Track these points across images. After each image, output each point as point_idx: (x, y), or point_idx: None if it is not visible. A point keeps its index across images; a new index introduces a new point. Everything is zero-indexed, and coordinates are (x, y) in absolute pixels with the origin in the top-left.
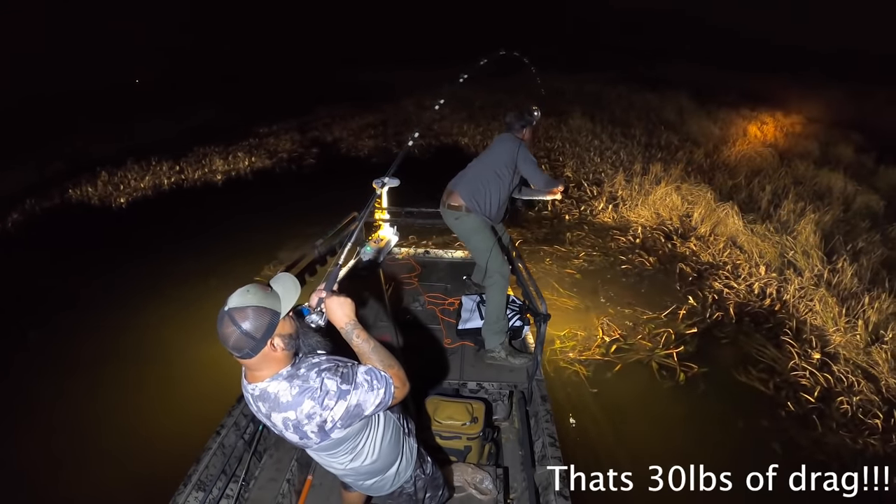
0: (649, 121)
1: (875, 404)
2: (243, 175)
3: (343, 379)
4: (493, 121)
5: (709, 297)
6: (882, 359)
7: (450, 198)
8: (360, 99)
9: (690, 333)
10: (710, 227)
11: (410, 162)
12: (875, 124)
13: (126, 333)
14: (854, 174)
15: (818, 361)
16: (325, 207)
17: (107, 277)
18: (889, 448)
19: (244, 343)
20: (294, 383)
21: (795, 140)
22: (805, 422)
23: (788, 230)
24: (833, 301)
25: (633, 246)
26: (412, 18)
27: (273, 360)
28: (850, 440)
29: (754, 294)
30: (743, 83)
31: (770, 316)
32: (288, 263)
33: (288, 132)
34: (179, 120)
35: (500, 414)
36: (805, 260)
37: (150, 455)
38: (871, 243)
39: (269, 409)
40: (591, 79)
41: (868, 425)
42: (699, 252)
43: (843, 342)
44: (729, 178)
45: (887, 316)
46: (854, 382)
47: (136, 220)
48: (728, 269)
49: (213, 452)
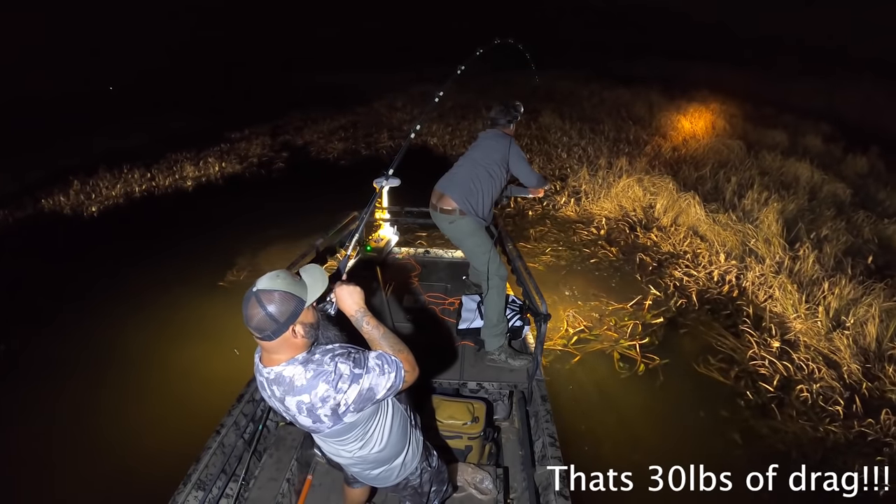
0: (619, 116)
1: (836, 391)
2: (214, 181)
3: (355, 363)
4: (462, 120)
5: (669, 286)
6: (844, 344)
7: (441, 201)
8: (333, 102)
9: (657, 323)
10: (673, 217)
11: (378, 164)
12: (846, 114)
13: (95, 339)
14: (822, 163)
15: (777, 350)
16: (288, 213)
17: (74, 286)
18: (851, 434)
19: (267, 325)
20: (309, 367)
21: (764, 132)
22: (764, 411)
23: (751, 219)
24: (793, 288)
25: (596, 238)
26: (386, 20)
27: (291, 345)
28: (810, 428)
29: (713, 281)
30: (715, 76)
31: (729, 303)
32: (289, 262)
33: (259, 137)
34: (153, 126)
35: (500, 414)
36: (766, 248)
37: (150, 454)
38: (835, 231)
39: (283, 393)
40: (563, 75)
41: (829, 412)
42: (660, 242)
43: (803, 329)
44: (694, 170)
45: (848, 302)
46: (815, 370)
47: (106, 228)
48: (688, 258)
49: (213, 452)
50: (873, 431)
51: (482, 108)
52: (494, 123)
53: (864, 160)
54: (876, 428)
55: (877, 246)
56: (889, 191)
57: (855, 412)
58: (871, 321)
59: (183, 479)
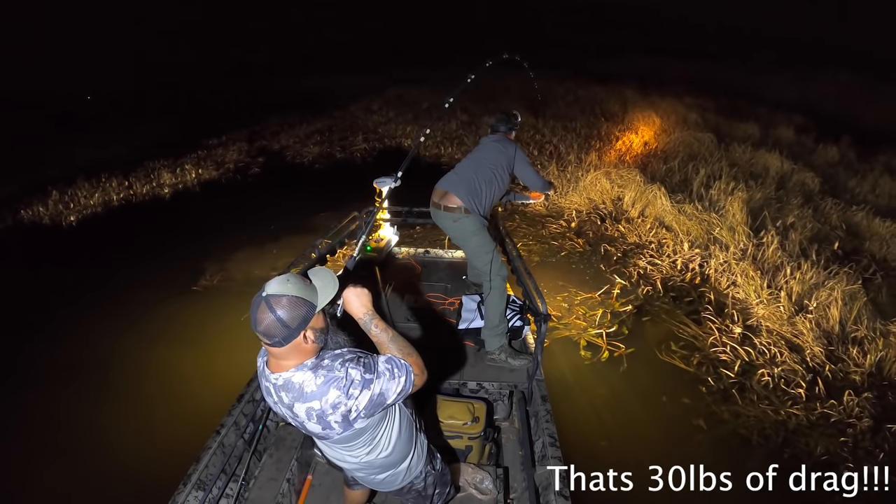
0: (592, 113)
1: (798, 374)
2: (190, 187)
3: (366, 368)
4: (437, 121)
5: (633, 275)
6: (806, 328)
7: (445, 199)
8: (310, 106)
9: (625, 311)
10: (641, 209)
11: (352, 166)
12: (821, 106)
13: (69, 344)
14: (792, 154)
15: (739, 335)
16: (261, 217)
17: (51, 294)
18: (813, 416)
19: (277, 331)
20: (319, 373)
21: (737, 124)
22: (726, 396)
23: (717, 209)
24: (756, 274)
25: (566, 231)
26: (364, 23)
27: (301, 351)
28: (771, 411)
29: (677, 269)
30: (691, 72)
31: (692, 290)
32: (288, 262)
33: (237, 142)
34: (131, 134)
35: (500, 414)
36: (731, 236)
37: (150, 454)
38: (801, 218)
39: (292, 399)
40: (540, 75)
41: (791, 395)
42: (627, 234)
43: (766, 314)
44: (663, 163)
45: (811, 286)
46: (776, 354)
47: (84, 237)
48: (653, 248)
49: (213, 452)
50: (836, 413)
51: (457, 111)
52: (494, 130)
53: (835, 150)
54: (839, 409)
55: (844, 232)
56: (859, 179)
57: (817, 394)
58: (835, 304)
59: (183, 479)
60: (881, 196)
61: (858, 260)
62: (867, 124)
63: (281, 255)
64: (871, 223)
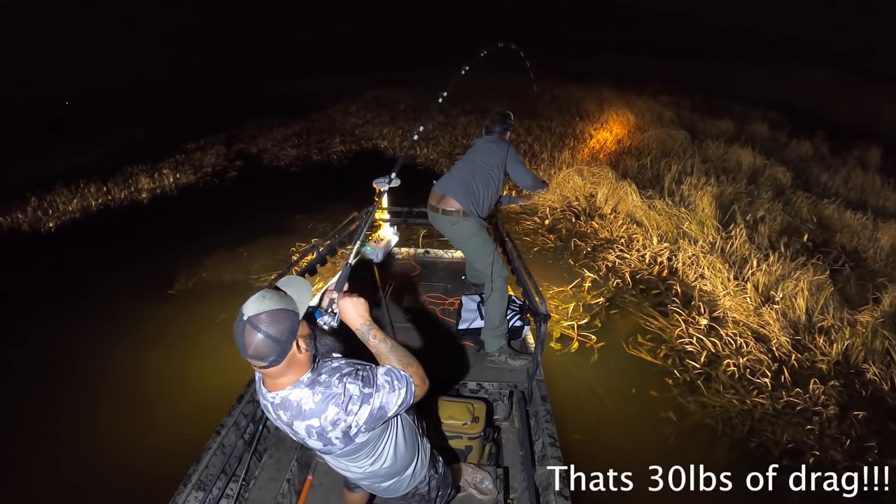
0: (568, 112)
1: (764, 363)
2: (168, 192)
3: (364, 382)
4: (414, 122)
5: (602, 269)
6: (773, 319)
7: (443, 202)
8: (289, 108)
9: (596, 303)
10: (613, 205)
11: (328, 168)
12: (797, 102)
13: (45, 349)
14: (765, 149)
15: (706, 327)
16: (236, 220)
17: (30, 300)
18: (779, 405)
19: (269, 349)
20: (316, 390)
21: (712, 121)
22: (692, 387)
23: (687, 204)
24: (724, 266)
25: (538, 227)
26: (342, 24)
27: (297, 364)
28: (737, 401)
29: (645, 263)
30: (668, 70)
31: (660, 283)
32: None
33: (215, 146)
34: (110, 139)
35: (500, 414)
36: (700, 230)
37: (150, 454)
38: (772, 211)
39: (290, 418)
40: (518, 73)
41: (756, 384)
42: (599, 230)
43: (732, 306)
44: (636, 160)
45: (778, 277)
46: (742, 344)
47: (63, 243)
48: (622, 243)
49: (213, 452)
50: (802, 401)
51: (434, 111)
52: (489, 131)
53: (808, 145)
54: (805, 397)
55: (815, 225)
56: (832, 173)
57: (783, 383)
58: (801, 295)
59: (183, 480)
60: (853, 189)
61: (828, 252)
62: (842, 119)
63: (254, 258)
64: (843, 216)
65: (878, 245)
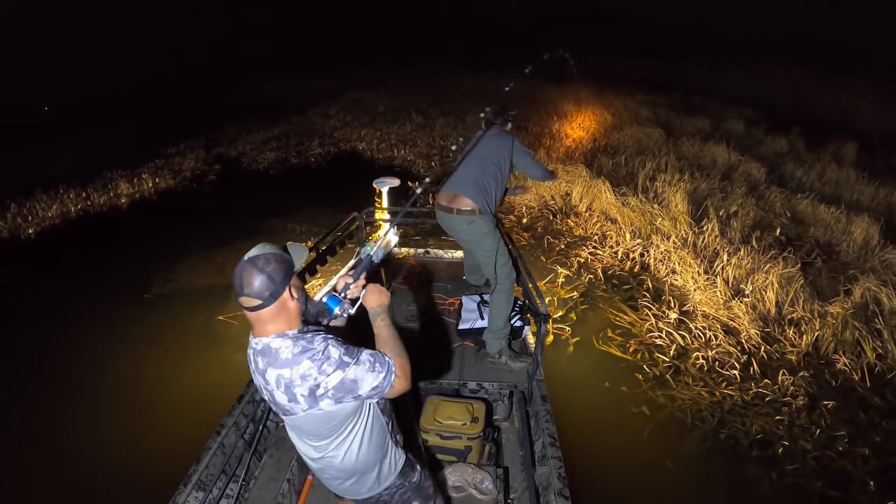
0: (546, 112)
1: (733, 356)
2: (148, 197)
3: (347, 352)
4: (392, 124)
5: (574, 265)
6: (742, 312)
7: (456, 201)
8: (268, 112)
9: (569, 297)
10: (588, 203)
11: (307, 171)
12: (774, 99)
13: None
14: (741, 146)
15: (675, 321)
16: (212, 224)
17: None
18: (748, 396)
19: (265, 287)
20: (298, 343)
21: (688, 119)
22: (661, 381)
23: (660, 200)
24: (695, 261)
25: (514, 226)
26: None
27: (286, 312)
28: (706, 393)
29: (618, 259)
30: (646, 69)
31: (631, 279)
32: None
33: (194, 150)
34: (90, 145)
35: (500, 414)
36: (672, 225)
37: (150, 454)
38: (745, 206)
39: (265, 365)
40: (496, 77)
41: (725, 376)
42: (574, 227)
43: (702, 300)
44: (611, 158)
45: (748, 271)
46: (711, 337)
47: (43, 249)
48: (596, 240)
49: (213, 452)
50: (770, 392)
51: (412, 112)
52: (489, 124)
53: (783, 141)
54: (773, 388)
55: (788, 219)
56: (807, 168)
57: (752, 374)
58: (771, 287)
59: (183, 480)
60: (828, 184)
61: (801, 245)
62: (818, 116)
63: (229, 261)
64: (817, 210)
65: (851, 238)
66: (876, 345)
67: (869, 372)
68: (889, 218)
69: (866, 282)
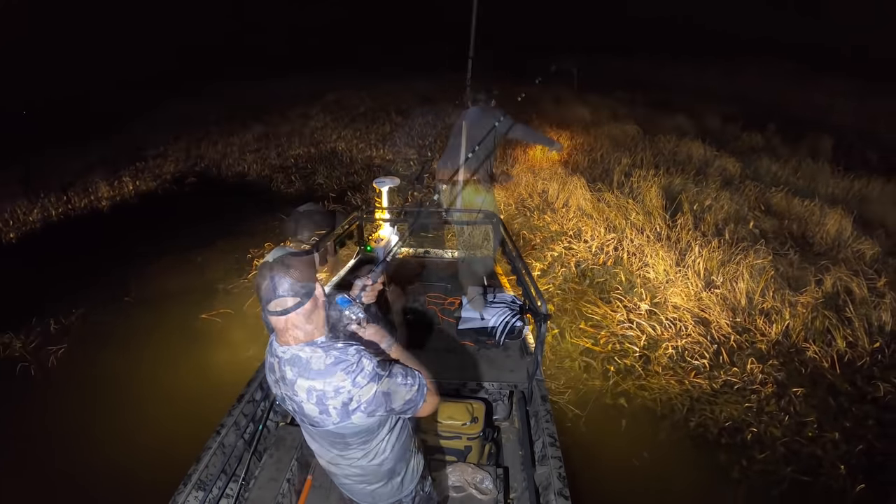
0: (524, 112)
1: (703, 345)
2: (128, 199)
3: (380, 365)
4: (372, 123)
5: (549, 258)
6: (713, 302)
7: (458, 175)
8: (249, 113)
9: (546, 290)
10: (564, 199)
11: (286, 171)
12: (751, 96)
13: None
14: (717, 142)
15: (646, 312)
16: (191, 226)
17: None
18: (716, 384)
19: (300, 284)
20: (330, 353)
21: (666, 116)
22: (631, 371)
23: (636, 195)
24: (667, 254)
25: None
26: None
27: (316, 315)
28: (676, 382)
29: (591, 253)
30: (626, 68)
31: (604, 272)
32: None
33: (175, 153)
34: (71, 149)
35: (500, 414)
36: (647, 219)
37: (150, 454)
38: (718, 200)
39: (295, 375)
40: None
41: (694, 366)
42: (550, 223)
43: (674, 292)
44: (587, 155)
45: (719, 263)
46: (682, 328)
47: (23, 253)
48: (571, 235)
49: (213, 452)
50: (739, 380)
51: (392, 112)
52: (477, 101)
53: (759, 136)
54: (742, 377)
55: (762, 212)
56: (782, 163)
57: (721, 363)
58: (742, 278)
59: (183, 479)
60: (803, 178)
61: (774, 237)
62: (795, 112)
63: (210, 262)
64: (791, 203)
65: (824, 230)
66: (846, 333)
67: (839, 360)
68: (862, 210)
69: (838, 272)
